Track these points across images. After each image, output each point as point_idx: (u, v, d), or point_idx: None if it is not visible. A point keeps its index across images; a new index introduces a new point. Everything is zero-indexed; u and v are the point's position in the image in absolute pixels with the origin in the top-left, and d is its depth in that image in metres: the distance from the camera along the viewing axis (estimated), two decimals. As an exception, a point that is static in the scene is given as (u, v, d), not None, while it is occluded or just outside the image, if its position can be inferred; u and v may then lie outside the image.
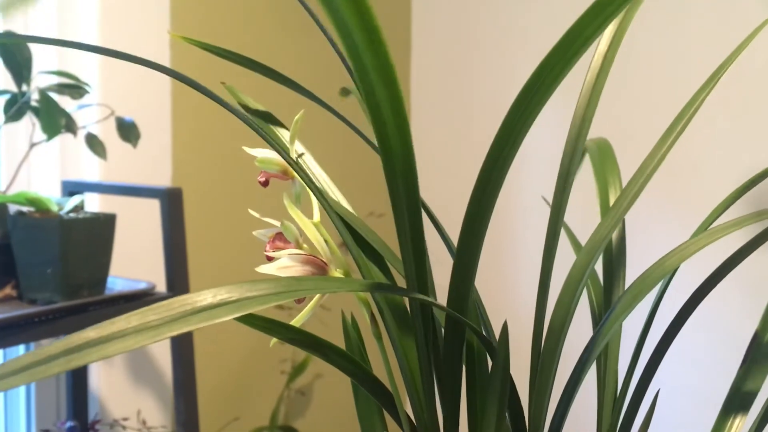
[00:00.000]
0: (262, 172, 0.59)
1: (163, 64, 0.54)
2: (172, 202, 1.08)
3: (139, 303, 1.04)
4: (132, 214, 1.23)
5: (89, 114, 1.16)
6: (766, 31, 0.61)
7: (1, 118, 1.01)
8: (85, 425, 1.19)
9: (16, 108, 1.00)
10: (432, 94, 1.80)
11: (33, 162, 1.23)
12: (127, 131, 1.08)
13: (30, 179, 1.25)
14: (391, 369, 0.56)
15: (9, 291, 1.00)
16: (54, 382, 1.27)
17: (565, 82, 0.43)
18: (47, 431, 1.16)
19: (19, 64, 1.00)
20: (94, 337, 0.34)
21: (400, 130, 0.43)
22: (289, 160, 0.54)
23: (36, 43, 1.01)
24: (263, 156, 0.59)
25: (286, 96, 0.70)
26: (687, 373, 1.37)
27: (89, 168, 1.25)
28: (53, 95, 1.01)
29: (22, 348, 1.15)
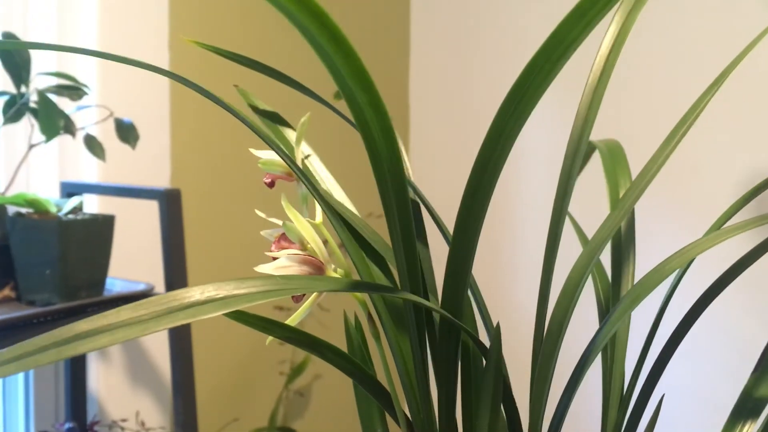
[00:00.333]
0: (267, 173, 0.59)
1: (162, 66, 0.54)
2: (170, 204, 1.08)
3: (138, 304, 1.04)
4: (131, 215, 1.23)
5: (88, 115, 1.16)
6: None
7: (0, 119, 1.01)
8: (83, 426, 1.19)
9: (14, 109, 1.00)
10: (432, 94, 1.80)
11: (32, 163, 1.23)
12: (126, 132, 1.07)
13: (29, 180, 1.24)
14: (390, 369, 0.56)
15: (8, 292, 1.00)
16: (52, 382, 1.27)
17: (568, 82, 0.43)
18: (46, 433, 1.16)
19: (17, 65, 1.00)
20: (85, 329, 0.35)
21: (384, 132, 0.44)
22: (290, 163, 0.54)
23: (35, 49, 1.01)
24: (267, 158, 0.58)
25: (290, 97, 0.70)
26: (687, 375, 1.36)
27: (88, 169, 1.24)
28: (52, 96, 1.01)
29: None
